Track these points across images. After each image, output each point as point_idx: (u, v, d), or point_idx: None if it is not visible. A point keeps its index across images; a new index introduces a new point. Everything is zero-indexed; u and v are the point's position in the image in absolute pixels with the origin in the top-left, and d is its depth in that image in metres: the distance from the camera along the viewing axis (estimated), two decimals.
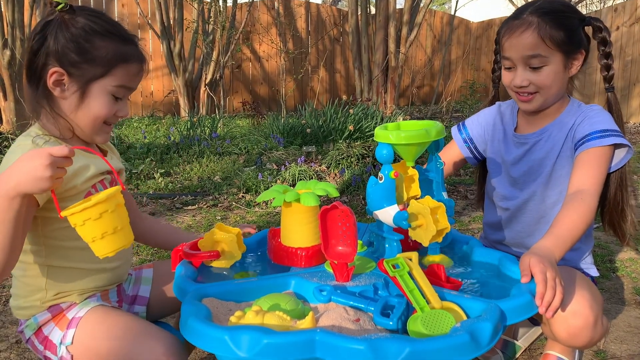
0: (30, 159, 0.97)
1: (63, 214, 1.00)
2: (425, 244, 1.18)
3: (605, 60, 1.45)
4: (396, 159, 1.23)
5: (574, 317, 1.16)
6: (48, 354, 1.21)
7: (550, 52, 1.36)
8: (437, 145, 1.32)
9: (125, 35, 1.22)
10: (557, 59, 1.37)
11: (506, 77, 1.44)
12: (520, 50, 1.37)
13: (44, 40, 1.15)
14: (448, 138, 1.49)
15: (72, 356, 1.17)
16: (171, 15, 6.90)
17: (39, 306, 1.22)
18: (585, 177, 1.29)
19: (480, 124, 1.63)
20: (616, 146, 1.35)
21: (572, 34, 1.37)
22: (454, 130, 1.67)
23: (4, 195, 0.99)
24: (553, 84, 1.39)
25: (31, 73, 1.18)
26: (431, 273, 1.13)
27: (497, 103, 1.64)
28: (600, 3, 10.68)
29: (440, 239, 1.18)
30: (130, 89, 1.23)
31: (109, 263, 1.27)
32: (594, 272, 1.52)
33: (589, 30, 1.44)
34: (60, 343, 1.18)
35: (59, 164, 0.99)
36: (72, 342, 1.17)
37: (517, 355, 1.71)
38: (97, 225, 1.00)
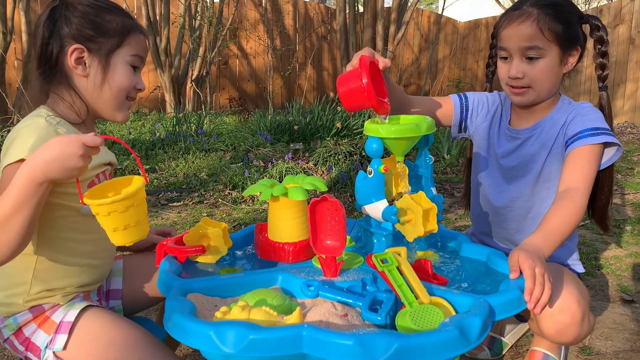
0: (63, 147, 0.98)
1: (88, 202, 1.00)
2: (410, 239, 1.17)
3: (600, 59, 1.45)
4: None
5: (562, 313, 1.16)
6: (30, 355, 1.17)
7: (548, 45, 1.35)
8: (426, 141, 1.31)
9: (127, 11, 1.28)
10: (554, 53, 1.37)
11: (502, 68, 1.43)
12: (518, 41, 1.36)
13: (54, 25, 1.18)
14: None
15: None
16: (157, 10, 6.83)
17: (21, 304, 1.18)
18: (575, 175, 1.29)
19: (482, 101, 1.59)
20: (606, 144, 1.35)
21: (570, 29, 1.37)
22: (454, 94, 1.62)
23: (33, 180, 0.99)
24: (547, 79, 1.38)
25: (45, 60, 1.20)
26: (418, 268, 1.12)
27: (495, 92, 1.63)
28: (585, 5, 10.79)
29: (424, 236, 1.17)
30: (142, 59, 1.27)
31: (94, 260, 1.26)
32: (580, 268, 1.52)
33: (585, 28, 1.44)
34: (46, 347, 1.15)
35: (90, 153, 1.01)
36: (64, 348, 1.14)
37: (503, 352, 1.71)
38: (122, 217, 1.01)
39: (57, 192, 1.14)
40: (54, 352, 1.14)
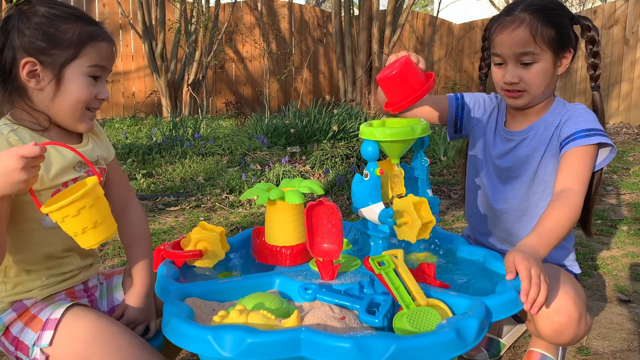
0: (2, 163, 0.96)
1: (44, 210, 0.99)
2: (413, 240, 1.16)
3: (592, 59, 1.46)
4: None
5: (559, 314, 1.16)
6: (20, 354, 1.18)
7: (542, 50, 1.36)
8: (422, 143, 1.32)
9: (88, 17, 1.21)
10: (548, 57, 1.37)
11: (496, 73, 1.44)
12: (511, 47, 1.37)
13: (7, 36, 1.14)
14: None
15: (47, 357, 1.15)
16: (153, 15, 6.84)
17: (0, 300, 1.20)
18: (570, 176, 1.30)
19: (478, 102, 1.60)
20: (599, 145, 1.36)
21: (562, 31, 1.38)
22: (451, 94, 1.62)
23: None
24: (542, 82, 1.39)
25: (1, 72, 1.16)
26: (421, 271, 1.12)
27: (492, 93, 1.63)
28: (580, 5, 10.85)
29: (427, 235, 1.16)
30: (105, 68, 1.22)
31: (62, 256, 1.25)
32: (577, 269, 1.53)
33: (577, 29, 1.45)
34: (34, 344, 1.15)
35: (33, 164, 0.98)
36: (50, 344, 1.14)
37: (501, 353, 1.71)
38: (77, 221, 1.00)
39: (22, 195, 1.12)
40: (40, 349, 1.14)
